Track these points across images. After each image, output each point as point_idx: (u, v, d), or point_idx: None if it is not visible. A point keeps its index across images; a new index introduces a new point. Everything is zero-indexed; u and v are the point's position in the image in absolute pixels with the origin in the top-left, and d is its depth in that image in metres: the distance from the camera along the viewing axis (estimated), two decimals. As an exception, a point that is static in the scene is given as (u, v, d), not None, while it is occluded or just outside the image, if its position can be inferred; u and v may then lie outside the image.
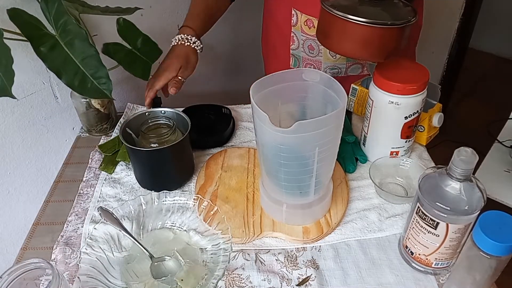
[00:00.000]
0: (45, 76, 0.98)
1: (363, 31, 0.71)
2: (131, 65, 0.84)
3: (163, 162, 0.78)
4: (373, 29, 0.70)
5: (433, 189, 0.59)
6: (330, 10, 0.72)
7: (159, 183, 0.81)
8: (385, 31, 0.70)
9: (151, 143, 0.78)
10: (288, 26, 1.00)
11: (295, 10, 0.96)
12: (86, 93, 0.75)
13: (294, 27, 0.99)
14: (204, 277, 0.65)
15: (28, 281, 0.59)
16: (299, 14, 0.96)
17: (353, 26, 0.70)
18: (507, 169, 1.28)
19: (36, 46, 0.71)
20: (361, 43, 0.73)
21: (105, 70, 0.73)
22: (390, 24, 0.69)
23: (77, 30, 0.71)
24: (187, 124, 0.80)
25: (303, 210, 0.71)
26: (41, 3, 0.72)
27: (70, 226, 0.76)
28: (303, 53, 1.02)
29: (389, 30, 0.71)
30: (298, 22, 0.97)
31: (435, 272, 0.67)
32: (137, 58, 0.84)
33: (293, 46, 1.02)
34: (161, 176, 0.80)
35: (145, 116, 0.82)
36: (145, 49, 0.84)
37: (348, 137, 0.89)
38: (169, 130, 0.79)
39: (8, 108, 0.94)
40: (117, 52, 0.83)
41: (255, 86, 0.64)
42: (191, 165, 0.86)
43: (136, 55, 0.84)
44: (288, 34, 1.01)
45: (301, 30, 0.97)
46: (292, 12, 0.97)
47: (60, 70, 0.72)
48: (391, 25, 0.70)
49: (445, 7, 1.89)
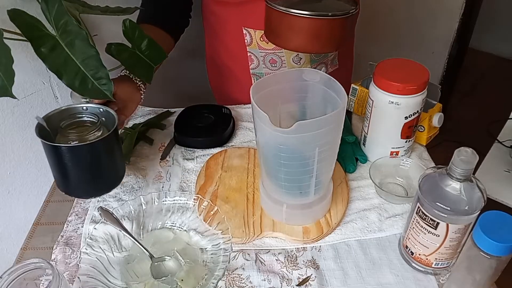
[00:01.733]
0: (45, 76, 0.98)
1: (311, 24, 0.74)
2: (134, 67, 0.84)
3: (81, 163, 0.69)
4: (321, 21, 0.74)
5: (433, 189, 0.59)
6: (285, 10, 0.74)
7: (75, 187, 0.73)
8: (332, 21, 0.75)
9: (70, 141, 0.69)
10: (241, 46, 0.97)
11: (246, 29, 0.93)
12: (87, 93, 0.75)
13: (249, 46, 0.96)
14: (204, 277, 0.65)
15: (28, 281, 0.59)
16: (252, 31, 0.93)
17: (300, 20, 0.74)
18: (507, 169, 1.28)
19: (36, 47, 0.71)
20: (311, 36, 0.76)
21: (105, 71, 0.73)
22: (331, 15, 0.74)
23: (77, 30, 0.71)
24: (114, 120, 0.72)
25: (303, 210, 0.71)
26: (41, 4, 0.71)
27: (70, 226, 0.76)
28: (266, 69, 0.99)
29: (335, 21, 0.75)
30: (252, 40, 0.95)
31: (435, 272, 0.67)
32: (140, 60, 0.84)
33: (253, 66, 1.00)
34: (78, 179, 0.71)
35: (66, 112, 0.73)
36: (149, 52, 0.84)
37: (348, 137, 0.89)
38: (93, 127, 0.71)
39: (8, 108, 0.94)
40: (121, 52, 0.83)
41: (255, 86, 0.64)
42: (121, 166, 0.76)
43: (140, 57, 0.83)
44: (244, 55, 0.98)
45: (258, 47, 0.95)
46: (243, 32, 0.94)
47: (60, 70, 0.72)
48: (333, 16, 0.74)
49: (445, 7, 1.89)
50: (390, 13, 1.94)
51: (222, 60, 1.07)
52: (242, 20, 0.93)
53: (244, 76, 1.03)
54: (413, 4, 1.93)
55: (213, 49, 1.08)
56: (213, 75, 1.15)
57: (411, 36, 2.01)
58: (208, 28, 1.05)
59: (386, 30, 1.99)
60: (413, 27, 1.99)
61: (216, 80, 1.14)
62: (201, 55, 1.20)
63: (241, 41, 0.96)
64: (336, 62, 1.08)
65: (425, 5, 1.92)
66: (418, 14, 1.95)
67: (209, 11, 1.01)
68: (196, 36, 1.22)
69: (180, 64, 1.06)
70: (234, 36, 0.97)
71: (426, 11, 1.93)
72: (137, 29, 0.82)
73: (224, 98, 1.13)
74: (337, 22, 0.75)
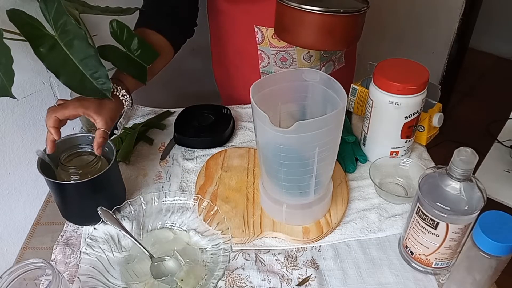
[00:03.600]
0: (45, 76, 0.98)
1: (325, 20, 0.75)
2: (127, 68, 0.83)
3: (84, 196, 0.71)
4: (335, 18, 0.75)
5: (433, 189, 0.59)
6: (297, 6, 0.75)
7: (84, 217, 0.74)
8: (346, 18, 0.76)
9: (71, 175, 0.70)
10: (251, 45, 0.97)
11: (258, 27, 0.93)
12: (85, 93, 0.75)
13: (260, 45, 0.96)
14: (204, 277, 0.65)
15: (28, 281, 0.59)
16: (264, 29, 0.93)
17: (313, 16, 0.75)
18: (507, 169, 1.27)
19: (35, 47, 0.71)
20: (324, 33, 0.77)
21: (104, 70, 0.73)
22: (343, 11, 0.75)
23: (76, 30, 0.71)
24: (112, 150, 0.73)
25: (303, 210, 0.71)
26: (40, 4, 0.71)
27: (70, 226, 0.76)
28: (276, 67, 0.99)
29: (349, 18, 0.76)
30: (264, 38, 0.94)
31: (435, 272, 0.67)
32: (132, 61, 0.83)
33: (263, 64, 1.00)
34: (85, 209, 0.73)
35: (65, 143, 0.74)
36: (140, 52, 0.83)
37: (348, 137, 0.89)
38: (93, 159, 0.72)
39: (8, 108, 0.94)
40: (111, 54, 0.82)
41: (255, 86, 0.64)
42: (122, 193, 0.79)
43: (131, 58, 0.82)
44: (254, 53, 0.98)
45: (270, 45, 0.95)
46: (255, 30, 0.94)
47: (59, 70, 0.72)
48: (345, 12, 0.75)
49: (445, 7, 1.89)
50: (390, 13, 1.94)
51: (229, 60, 1.06)
52: (254, 18, 0.93)
53: (253, 75, 1.02)
54: (413, 4, 1.93)
55: (220, 48, 1.07)
56: (220, 75, 1.14)
57: (411, 36, 2.01)
58: (215, 27, 1.05)
59: (386, 30, 1.99)
60: (413, 27, 1.99)
61: (223, 80, 1.14)
62: (203, 55, 1.20)
63: (252, 39, 0.96)
64: (342, 60, 1.08)
65: (425, 5, 1.92)
66: (418, 14, 1.95)
67: (217, 10, 1.00)
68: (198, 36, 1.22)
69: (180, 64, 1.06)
70: (245, 34, 0.96)
71: (426, 11, 1.93)
72: (125, 29, 0.80)
73: (232, 98, 1.12)
74: (351, 19, 0.77)
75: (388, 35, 2.01)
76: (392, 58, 0.82)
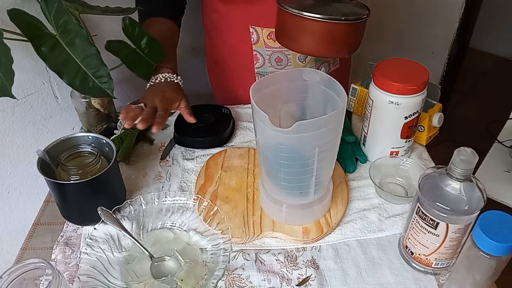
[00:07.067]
0: (45, 76, 0.98)
1: (328, 28, 0.75)
2: (134, 64, 0.83)
3: (84, 196, 0.71)
4: (337, 25, 0.75)
5: (433, 189, 0.59)
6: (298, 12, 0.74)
7: (84, 217, 0.75)
8: (348, 26, 0.76)
9: (71, 175, 0.70)
10: (246, 45, 0.96)
11: (254, 27, 0.93)
12: (88, 92, 0.75)
13: (255, 45, 0.96)
14: (204, 277, 0.65)
15: (28, 281, 0.59)
16: (259, 29, 0.93)
17: (315, 23, 0.74)
18: (507, 169, 1.28)
19: (37, 46, 0.71)
20: (326, 40, 0.76)
21: (106, 69, 0.73)
22: (344, 19, 0.75)
23: (77, 29, 0.71)
24: (112, 150, 0.73)
25: (303, 210, 0.71)
26: (41, 3, 0.71)
27: (70, 226, 0.76)
28: (271, 67, 0.99)
29: (351, 25, 0.76)
30: (259, 38, 0.94)
31: (435, 272, 0.67)
32: (140, 58, 0.83)
33: (258, 64, 1.00)
34: (85, 209, 0.73)
35: (65, 143, 0.74)
36: (149, 50, 0.83)
37: (348, 137, 0.89)
38: (93, 159, 0.72)
39: (8, 108, 0.94)
40: (120, 50, 0.82)
41: (255, 86, 0.64)
42: (121, 193, 0.79)
43: (140, 55, 0.83)
44: (249, 53, 0.98)
45: (265, 45, 0.95)
46: (250, 30, 0.94)
47: (61, 69, 0.72)
48: (346, 20, 0.75)
49: (445, 7, 1.89)
50: (390, 13, 1.94)
51: (224, 59, 1.06)
52: (249, 18, 0.93)
53: (247, 75, 1.02)
54: (413, 4, 1.93)
55: (214, 48, 1.07)
56: (214, 74, 1.14)
57: (411, 36, 2.01)
58: (210, 27, 1.05)
59: (386, 30, 1.99)
60: (413, 27, 1.99)
61: (218, 80, 1.14)
62: (202, 55, 1.20)
63: (247, 39, 0.96)
64: (337, 61, 1.08)
65: (425, 5, 1.92)
66: (418, 14, 1.95)
67: (211, 9, 1.00)
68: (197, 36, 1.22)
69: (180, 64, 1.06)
70: (239, 34, 0.96)
71: (426, 11, 1.93)
72: (137, 26, 0.81)
73: (226, 98, 1.12)
74: (353, 27, 0.76)
75: (388, 35, 2.01)
76: (392, 58, 0.82)
